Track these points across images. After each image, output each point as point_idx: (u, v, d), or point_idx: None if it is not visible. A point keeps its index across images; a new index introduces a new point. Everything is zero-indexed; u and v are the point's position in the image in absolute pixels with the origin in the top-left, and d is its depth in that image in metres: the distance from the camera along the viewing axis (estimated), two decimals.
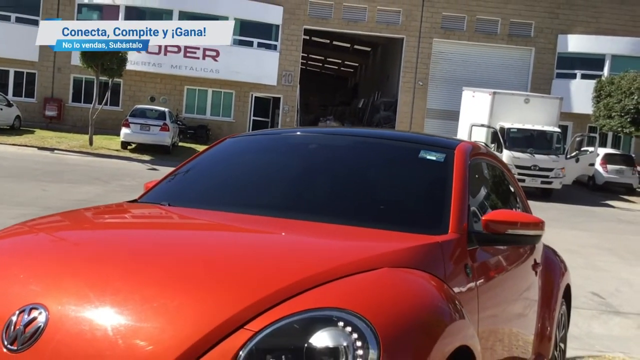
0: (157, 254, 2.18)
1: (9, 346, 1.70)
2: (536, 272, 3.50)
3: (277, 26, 30.67)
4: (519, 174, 19.88)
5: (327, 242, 2.41)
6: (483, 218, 2.60)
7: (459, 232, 2.49)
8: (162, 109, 24.99)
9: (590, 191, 23.82)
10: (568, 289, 4.19)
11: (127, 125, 22.78)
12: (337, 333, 1.65)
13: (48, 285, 1.87)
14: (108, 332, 1.68)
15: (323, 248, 2.33)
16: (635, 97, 23.82)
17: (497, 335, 2.82)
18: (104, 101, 24.25)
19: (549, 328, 3.70)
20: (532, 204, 14.61)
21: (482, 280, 2.55)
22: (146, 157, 21.66)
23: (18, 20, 29.84)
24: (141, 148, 23.19)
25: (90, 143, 22.77)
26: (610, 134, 29.59)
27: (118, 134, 23.75)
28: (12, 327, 1.73)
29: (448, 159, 2.85)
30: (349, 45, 43.46)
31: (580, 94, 29.02)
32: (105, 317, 1.72)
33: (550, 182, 20.78)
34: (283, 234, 2.44)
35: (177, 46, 29.28)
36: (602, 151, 24.63)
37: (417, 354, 1.76)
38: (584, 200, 21.35)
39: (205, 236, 2.54)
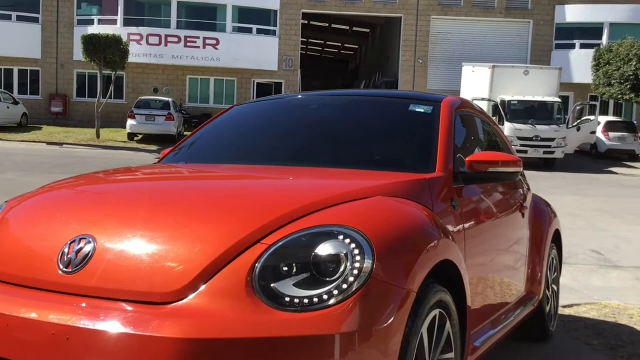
0: (181, 195, 2.50)
1: (64, 269, 2.03)
2: (523, 215, 3.80)
3: (275, 12, 30.83)
4: (521, 145, 20.12)
5: (328, 179, 2.73)
6: (467, 159, 2.91)
7: (445, 172, 2.79)
8: (166, 99, 25.31)
9: (593, 159, 24.02)
10: (558, 234, 4.46)
11: (133, 117, 23.14)
12: (338, 244, 1.96)
13: (91, 221, 2.19)
14: (146, 256, 1.99)
15: (325, 183, 2.65)
16: (634, 64, 23.93)
17: (487, 282, 3.10)
18: (108, 95, 24.59)
19: (539, 271, 3.98)
20: (535, 174, 14.73)
21: (470, 224, 2.84)
22: (153, 147, 22.00)
23: (19, 18, 30.11)
24: (148, 139, 23.55)
25: (98, 136, 23.14)
26: (611, 102, 29.71)
27: (124, 127, 24.11)
28: (66, 256, 2.05)
29: (435, 111, 3.15)
30: (347, 27, 43.53)
31: (580, 64, 29.11)
32: (143, 245, 2.03)
33: (552, 152, 21.00)
34: (291, 178, 2.75)
35: (178, 36, 29.56)
36: (603, 119, 24.80)
37: (406, 263, 2.07)
38: (587, 168, 21.57)
39: (222, 180, 2.87)
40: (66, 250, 2.06)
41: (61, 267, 2.03)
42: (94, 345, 1.80)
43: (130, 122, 23.23)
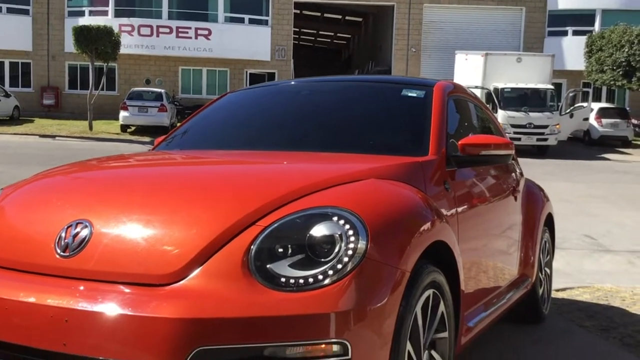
0: (176, 179, 2.53)
1: (61, 253, 2.04)
2: (516, 198, 3.83)
3: (267, 1, 30.71)
4: (515, 132, 20.17)
5: (322, 163, 2.75)
6: (459, 142, 2.93)
7: (437, 155, 2.82)
8: (159, 90, 25.24)
9: (586, 146, 24.13)
10: (550, 217, 4.49)
11: (125, 108, 23.09)
12: (332, 225, 1.98)
13: (87, 206, 2.20)
14: (143, 239, 2.01)
15: (319, 166, 2.68)
16: (626, 50, 24.00)
17: (480, 264, 3.13)
18: (100, 86, 24.50)
19: (532, 254, 4.01)
20: (528, 161, 14.80)
21: (463, 206, 2.86)
22: (146, 139, 21.95)
23: (9, 10, 29.92)
24: (141, 130, 23.51)
25: (90, 128, 23.09)
26: (604, 89, 29.80)
27: (117, 118, 24.05)
28: (63, 240, 2.07)
29: (427, 95, 3.17)
30: (340, 16, 43.42)
31: (573, 51, 29.16)
32: (139, 228, 2.05)
33: (545, 139, 21.09)
34: (285, 162, 2.78)
35: (169, 27, 29.42)
36: (596, 106, 24.87)
37: (399, 243, 2.09)
38: (580, 154, 21.68)
39: (217, 165, 2.89)
40: (63, 234, 2.08)
41: (58, 251, 2.05)
42: (93, 326, 1.82)
43: (122, 114, 23.17)
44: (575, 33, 30.18)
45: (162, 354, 1.77)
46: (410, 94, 3.22)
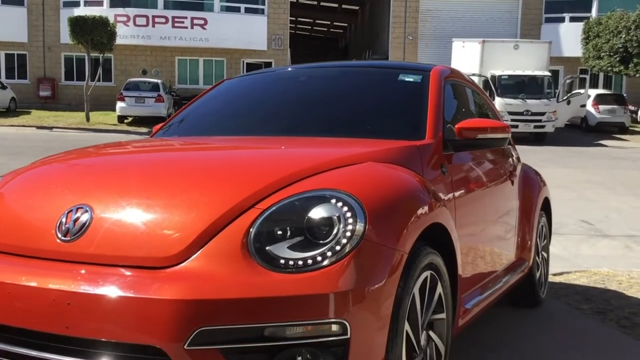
0: (174, 163, 2.55)
1: (62, 238, 2.06)
2: (513, 182, 3.85)
3: None
4: (512, 119, 20.17)
5: (320, 147, 2.78)
6: (456, 126, 2.94)
7: (434, 138, 2.84)
8: (156, 80, 25.20)
9: (583, 133, 24.16)
10: (547, 202, 4.52)
11: (122, 99, 23.06)
12: (330, 207, 2.00)
13: (87, 191, 2.22)
14: (143, 223, 2.03)
15: (317, 150, 2.70)
16: (623, 36, 23.97)
17: (478, 247, 3.16)
18: (97, 77, 24.42)
19: (529, 238, 4.04)
20: (526, 148, 14.77)
21: (460, 189, 2.89)
22: (144, 129, 21.94)
23: (4, 2, 29.77)
24: (138, 121, 23.48)
25: (87, 119, 23.05)
26: (601, 75, 29.77)
27: (113, 109, 24.02)
28: (63, 225, 2.09)
29: (424, 79, 3.19)
30: (336, 5, 43.31)
31: (570, 37, 29.08)
32: (139, 212, 2.07)
33: (543, 126, 21.10)
34: (283, 147, 2.80)
35: (165, 17, 29.29)
36: (593, 92, 24.88)
37: (397, 225, 2.12)
38: (577, 141, 21.70)
39: (215, 150, 2.91)
40: (63, 219, 2.10)
41: (59, 235, 2.07)
42: (95, 309, 1.85)
43: (119, 105, 23.14)
44: (572, 19, 30.09)
45: (164, 335, 1.79)
46: (407, 79, 3.24)
